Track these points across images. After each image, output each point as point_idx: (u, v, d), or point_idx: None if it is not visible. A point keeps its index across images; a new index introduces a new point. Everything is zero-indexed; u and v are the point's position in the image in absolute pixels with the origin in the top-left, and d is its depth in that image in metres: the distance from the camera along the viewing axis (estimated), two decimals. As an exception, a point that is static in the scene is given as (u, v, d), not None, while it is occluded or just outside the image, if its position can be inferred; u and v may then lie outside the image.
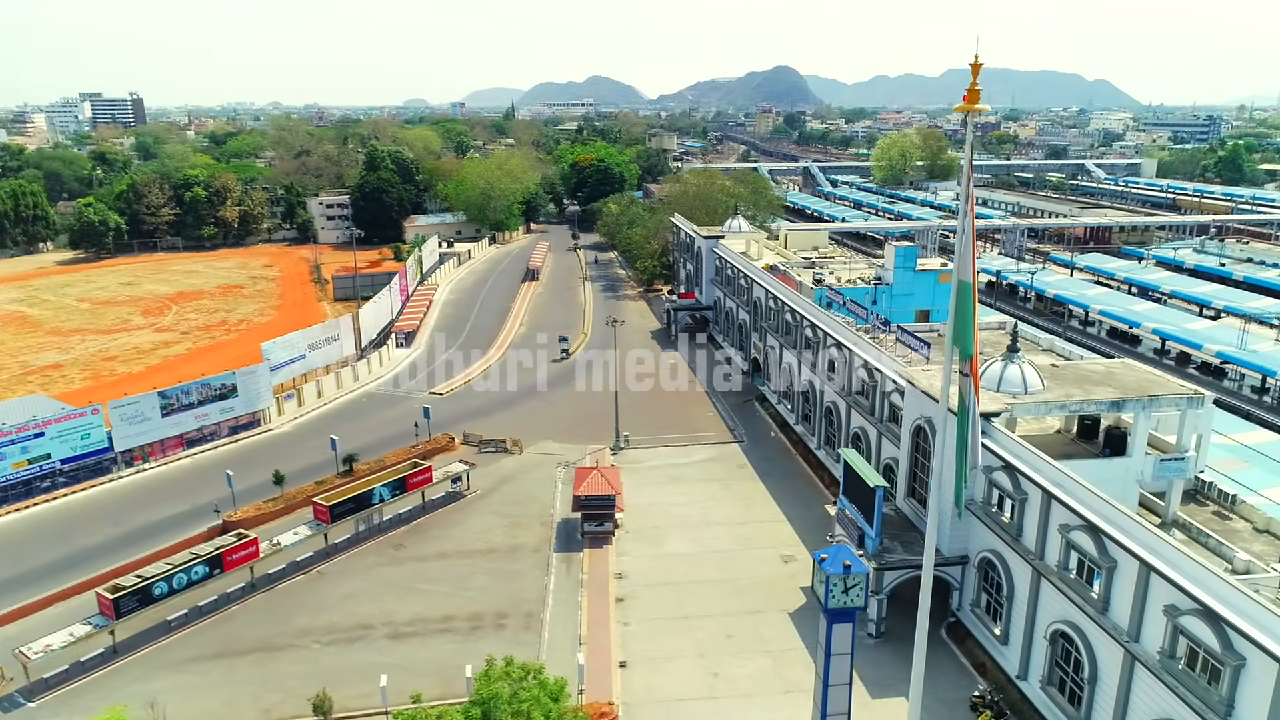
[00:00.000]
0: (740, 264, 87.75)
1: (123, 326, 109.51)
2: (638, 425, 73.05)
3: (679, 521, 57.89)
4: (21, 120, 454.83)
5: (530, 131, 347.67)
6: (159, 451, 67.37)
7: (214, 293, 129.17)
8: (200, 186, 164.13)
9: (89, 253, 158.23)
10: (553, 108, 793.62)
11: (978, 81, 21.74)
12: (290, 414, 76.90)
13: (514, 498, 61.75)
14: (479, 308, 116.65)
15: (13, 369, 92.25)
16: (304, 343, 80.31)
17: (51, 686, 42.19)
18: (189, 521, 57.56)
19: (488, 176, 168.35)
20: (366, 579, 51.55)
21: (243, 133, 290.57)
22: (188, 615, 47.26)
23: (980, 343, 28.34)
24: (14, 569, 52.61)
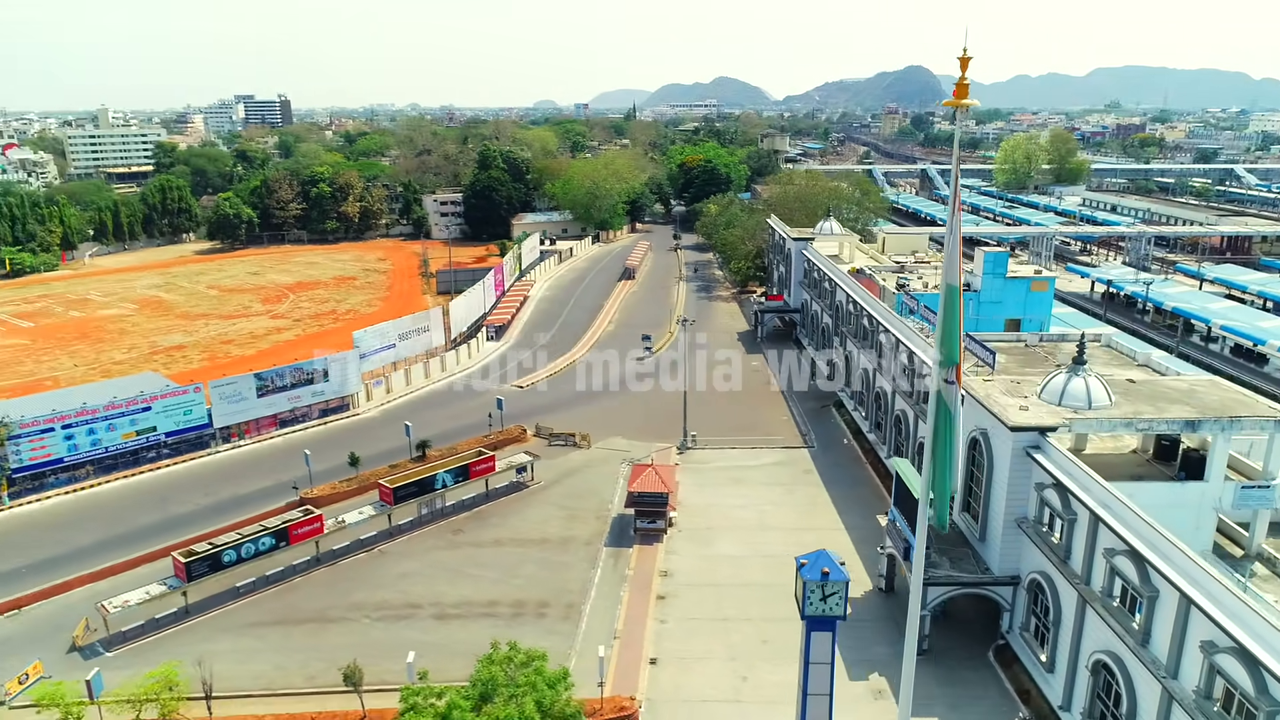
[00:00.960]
0: (825, 266, 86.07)
1: (243, 313, 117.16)
2: (710, 425, 72.85)
3: (734, 524, 57.42)
4: (183, 121, 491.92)
5: (648, 132, 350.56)
6: (254, 430, 71.83)
7: (329, 283, 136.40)
8: (325, 183, 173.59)
9: (224, 243, 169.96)
10: (675, 109, 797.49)
11: (967, 75, 20.78)
12: (378, 400, 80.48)
13: (575, 491, 62.66)
14: (572, 305, 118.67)
15: (142, 348, 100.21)
16: (394, 333, 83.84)
17: (128, 639, 45.80)
18: (271, 496, 61.16)
19: (594, 176, 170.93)
20: (422, 560, 53.51)
21: (372, 133, 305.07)
22: (255, 583, 50.34)
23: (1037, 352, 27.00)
24: (114, 530, 57.31)
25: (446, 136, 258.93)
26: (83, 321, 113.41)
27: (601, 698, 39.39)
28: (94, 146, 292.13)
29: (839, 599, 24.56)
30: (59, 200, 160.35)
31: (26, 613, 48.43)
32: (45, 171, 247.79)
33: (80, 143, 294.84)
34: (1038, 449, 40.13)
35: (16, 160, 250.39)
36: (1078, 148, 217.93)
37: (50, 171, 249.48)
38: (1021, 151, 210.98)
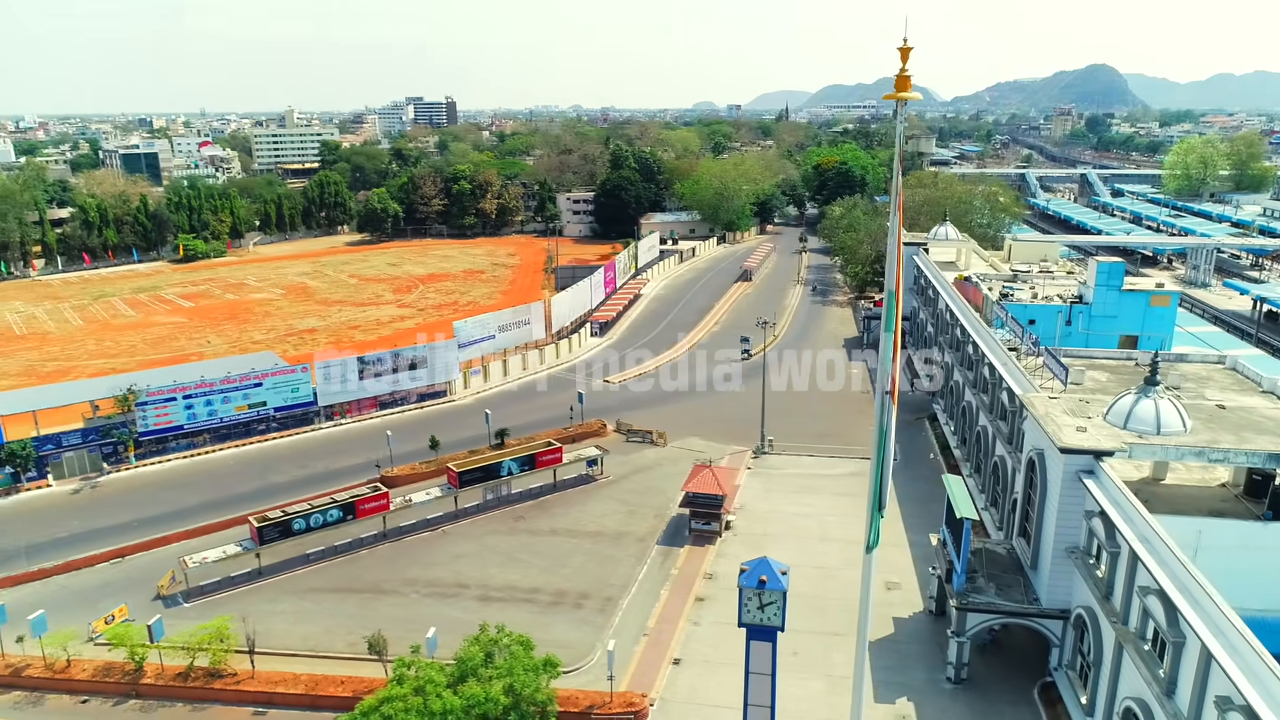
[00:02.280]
0: (930, 272, 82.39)
1: (374, 301, 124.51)
2: (792, 431, 71.47)
3: (793, 532, 56.10)
4: (358, 121, 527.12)
5: (796, 134, 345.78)
6: (355, 410, 76.40)
7: (458, 276, 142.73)
8: (465, 180, 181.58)
9: (372, 236, 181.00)
10: (832, 110, 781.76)
11: (907, 67, 19.77)
12: (475, 388, 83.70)
13: (641, 487, 62.99)
14: (682, 305, 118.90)
15: (280, 330, 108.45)
16: (495, 324, 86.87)
17: (205, 593, 49.94)
18: (359, 473, 64.86)
19: (723, 177, 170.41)
20: (479, 543, 55.38)
21: (523, 133, 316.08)
22: (324, 552, 53.72)
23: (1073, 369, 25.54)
24: (218, 494, 62.49)
25: (592, 137, 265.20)
26: (235, 304, 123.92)
27: (610, 692, 39.60)
28: (275, 145, 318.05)
29: (776, 609, 23.77)
30: (230, 193, 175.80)
31: (127, 561, 53.67)
32: (230, 167, 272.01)
33: (264, 141, 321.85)
34: (1091, 474, 37.12)
35: (207, 156, 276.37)
36: (1265, 153, 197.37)
37: (235, 167, 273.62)
38: (1196, 156, 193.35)
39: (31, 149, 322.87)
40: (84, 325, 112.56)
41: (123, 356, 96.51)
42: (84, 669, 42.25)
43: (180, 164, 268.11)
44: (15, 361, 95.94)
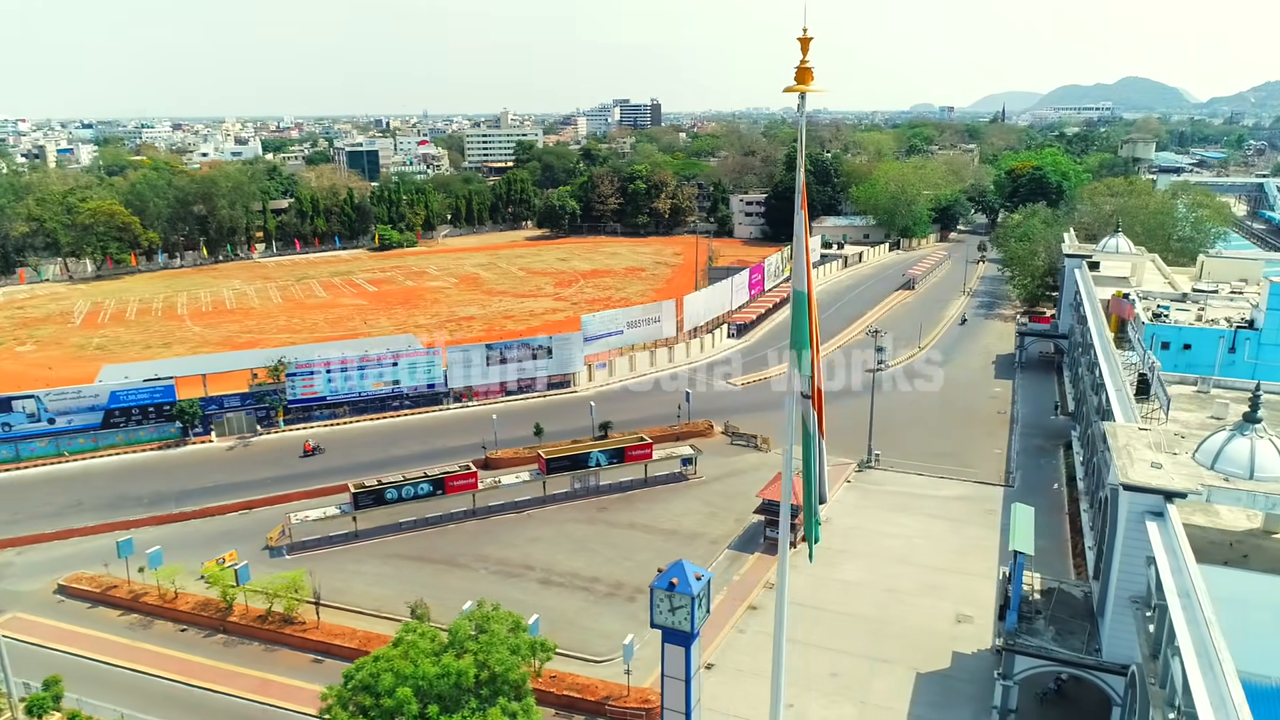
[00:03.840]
0: (1084, 286, 75.42)
1: (534, 293, 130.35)
2: (908, 447, 68.26)
3: (874, 551, 53.63)
4: (567, 122, 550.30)
5: (1006, 137, 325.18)
6: (482, 394, 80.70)
7: (620, 273, 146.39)
8: (641, 180, 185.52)
9: (551, 232, 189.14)
10: (1059, 112, 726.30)
11: (808, 58, 18.88)
12: (599, 381, 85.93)
13: (730, 491, 62.36)
14: (832, 311, 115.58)
15: (442, 316, 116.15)
16: (624, 320, 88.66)
17: (306, 548, 54.91)
18: (469, 452, 68.62)
19: (901, 181, 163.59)
20: (557, 529, 57.12)
21: (715, 135, 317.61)
22: (415, 523, 57.50)
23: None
24: (344, 461, 68.28)
25: (781, 138, 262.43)
26: (412, 290, 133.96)
27: (627, 686, 39.84)
28: (484, 144, 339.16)
29: (686, 613, 23.17)
30: (427, 189, 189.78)
31: (254, 514, 59.94)
32: (440, 164, 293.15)
33: (475, 141, 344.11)
34: (1160, 516, 33.05)
35: (421, 154, 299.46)
36: None
37: (444, 164, 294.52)
38: None
39: (280, 146, 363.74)
40: (282, 303, 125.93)
41: (304, 333, 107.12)
42: (187, 602, 47.83)
43: (398, 161, 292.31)
44: (218, 331, 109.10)
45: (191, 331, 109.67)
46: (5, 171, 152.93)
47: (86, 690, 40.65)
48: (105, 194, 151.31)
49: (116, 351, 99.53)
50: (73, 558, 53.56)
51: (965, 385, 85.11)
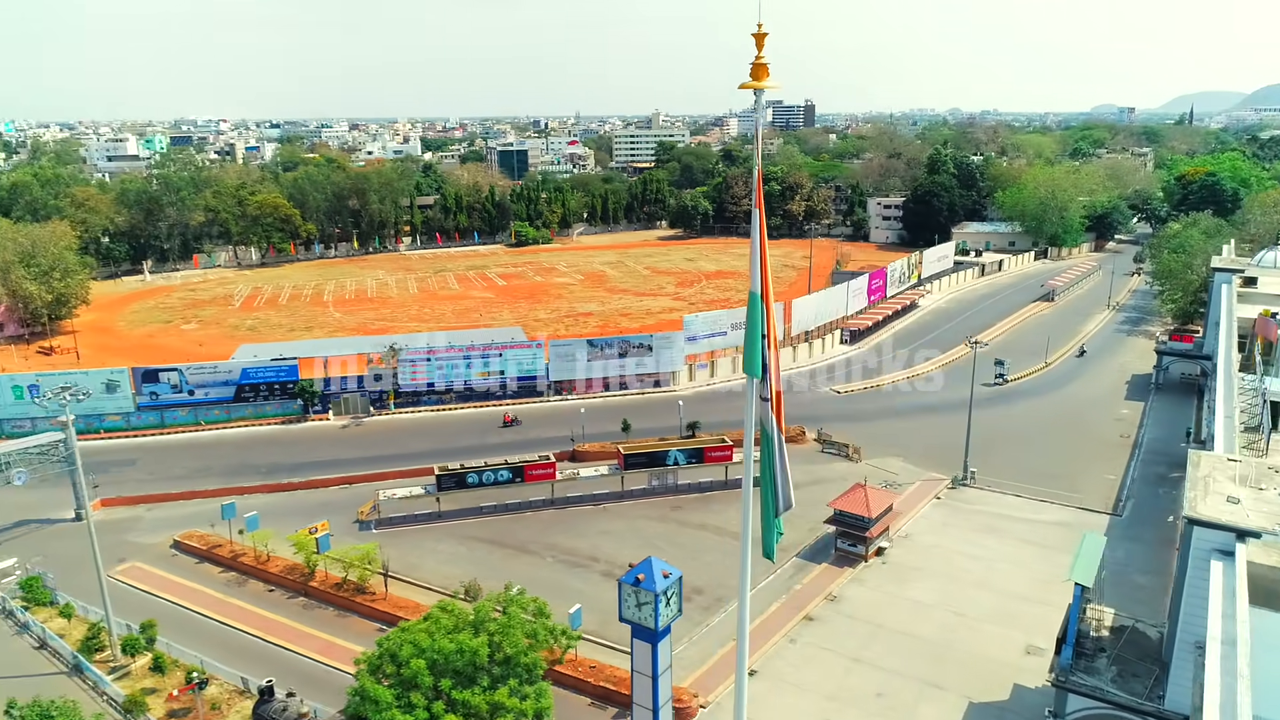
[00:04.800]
0: (1226, 302, 68.88)
1: (654, 292, 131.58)
2: (1009, 466, 64.70)
3: (951, 572, 51.19)
4: (718, 124, 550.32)
5: (1190, 140, 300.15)
6: (582, 388, 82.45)
7: (743, 275, 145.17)
8: (775, 181, 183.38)
9: (684, 232, 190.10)
10: (1260, 114, 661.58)
11: (763, 53, 18.63)
12: (700, 381, 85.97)
13: (811, 499, 60.65)
14: (959, 321, 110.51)
15: (562, 310, 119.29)
16: (728, 321, 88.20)
17: (393, 524, 58.08)
18: (559, 444, 70.37)
19: (1051, 185, 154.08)
20: (629, 525, 57.79)
21: (865, 136, 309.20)
22: (495, 508, 59.64)
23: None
24: (446, 444, 71.46)
25: (932, 140, 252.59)
26: (538, 285, 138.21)
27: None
28: (631, 145, 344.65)
29: (651, 610, 23.06)
30: (565, 187, 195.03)
31: (352, 488, 63.88)
32: (585, 164, 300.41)
33: (622, 142, 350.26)
34: (1227, 553, 30.12)
35: (568, 154, 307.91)
36: None
37: (590, 164, 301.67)
38: None
39: (441, 145, 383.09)
40: (416, 294, 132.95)
41: (431, 322, 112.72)
42: (277, 565, 51.68)
43: (547, 160, 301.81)
44: (355, 318, 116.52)
45: (332, 317, 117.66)
46: (190, 167, 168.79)
47: (177, 636, 44.73)
48: (272, 188, 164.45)
49: (265, 333, 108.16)
50: (191, 517, 58.89)
51: (1089, 404, 79.51)
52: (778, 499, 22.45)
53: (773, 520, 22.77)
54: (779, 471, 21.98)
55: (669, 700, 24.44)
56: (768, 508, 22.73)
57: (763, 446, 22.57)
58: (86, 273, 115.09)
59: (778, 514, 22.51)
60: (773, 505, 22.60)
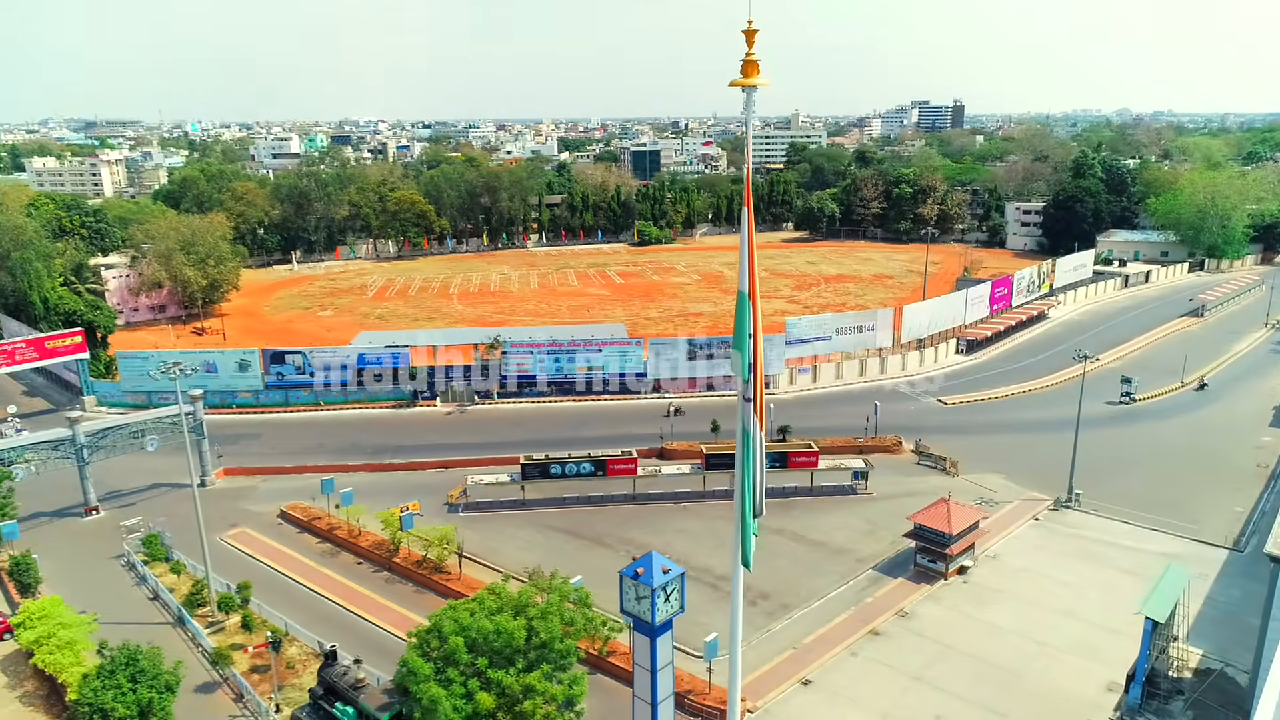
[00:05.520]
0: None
1: (770, 294, 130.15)
2: (1122, 491, 60.78)
3: (1037, 598, 48.52)
4: (860, 125, 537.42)
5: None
6: (680, 387, 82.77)
7: (865, 279, 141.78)
8: (907, 184, 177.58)
9: (809, 234, 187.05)
10: None
11: (754, 50, 18.56)
12: (801, 385, 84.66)
13: (899, 510, 58.91)
14: (1091, 334, 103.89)
15: (674, 309, 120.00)
16: (833, 325, 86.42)
17: (479, 509, 60.30)
18: (650, 440, 71.02)
19: (1212, 192, 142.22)
20: (705, 524, 57.73)
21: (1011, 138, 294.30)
22: (577, 499, 60.93)
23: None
24: (541, 435, 73.37)
25: (1087, 141, 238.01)
26: (654, 284, 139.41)
27: (709, 683, 39.87)
28: (766, 145, 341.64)
29: (648, 604, 23.13)
30: (690, 187, 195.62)
31: (447, 473, 66.61)
32: (717, 164, 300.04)
33: (757, 142, 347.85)
34: (1314, 598, 27.41)
35: (700, 155, 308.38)
36: None
37: (721, 165, 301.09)
38: None
39: (579, 145, 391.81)
40: (536, 289, 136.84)
41: (546, 317, 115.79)
42: (367, 540, 54.70)
43: (680, 161, 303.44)
44: (475, 310, 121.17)
45: (454, 309, 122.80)
46: (336, 164, 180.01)
47: (268, 598, 48.15)
48: (411, 186, 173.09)
49: (391, 321, 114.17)
50: (299, 490, 63.00)
51: (1225, 430, 73.15)
52: (755, 502, 22.20)
53: (750, 525, 22.54)
54: (757, 474, 21.75)
55: (670, 695, 24.58)
56: (745, 512, 22.51)
57: (744, 448, 22.35)
58: (238, 261, 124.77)
59: (756, 515, 22.25)
60: (750, 508, 22.36)
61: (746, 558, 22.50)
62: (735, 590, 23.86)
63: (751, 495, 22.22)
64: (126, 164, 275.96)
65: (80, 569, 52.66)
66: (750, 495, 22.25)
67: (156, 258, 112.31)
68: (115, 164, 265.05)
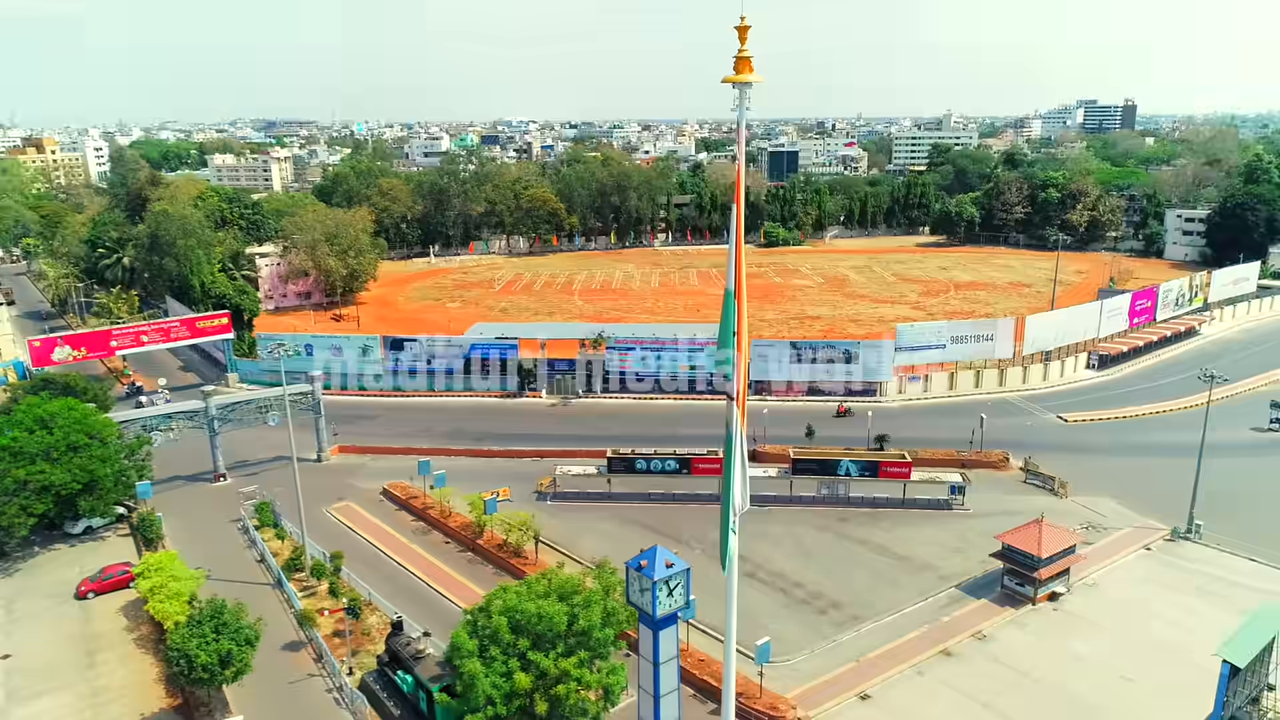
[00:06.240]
0: None
1: (894, 300, 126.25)
2: (1254, 527, 55.97)
3: (1134, 631, 45.35)
4: (1020, 125, 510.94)
5: None
6: (784, 390, 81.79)
7: (999, 287, 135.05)
8: (1055, 188, 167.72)
9: (946, 239, 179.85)
10: None
11: (746, 46, 18.52)
12: (910, 394, 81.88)
13: (994, 529, 55.74)
14: (1246, 355, 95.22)
15: (790, 312, 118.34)
16: (947, 333, 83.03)
17: (566, 499, 61.82)
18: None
19: None
20: (787, 530, 56.97)
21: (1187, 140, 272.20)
22: (663, 496, 61.48)
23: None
24: (636, 430, 74.15)
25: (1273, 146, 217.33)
26: (774, 286, 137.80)
27: (760, 687, 39.45)
28: (911, 146, 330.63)
29: (650, 596, 23.18)
30: (821, 189, 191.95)
31: (542, 462, 68.46)
32: (857, 166, 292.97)
33: (903, 143, 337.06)
34: None
35: (840, 156, 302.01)
36: None
37: (861, 166, 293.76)
38: None
39: (719, 145, 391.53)
40: (656, 288, 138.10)
41: (661, 315, 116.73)
42: (456, 521, 57.15)
43: (819, 162, 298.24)
44: (594, 306, 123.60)
45: (574, 305, 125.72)
46: (474, 163, 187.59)
47: (360, 569, 51.22)
48: (544, 184, 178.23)
49: (513, 314, 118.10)
50: (404, 469, 66.25)
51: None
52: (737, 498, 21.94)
53: (729, 525, 22.28)
54: (738, 471, 21.51)
55: (674, 690, 24.64)
56: (726, 513, 22.28)
57: (726, 446, 22.16)
58: (376, 253, 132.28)
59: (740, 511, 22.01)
60: (731, 508, 22.11)
61: (726, 559, 22.32)
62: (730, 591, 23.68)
63: (731, 494, 22.04)
64: (294, 161, 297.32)
65: (202, 529, 57.60)
66: (731, 495, 22.06)
67: (303, 248, 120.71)
68: (284, 161, 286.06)
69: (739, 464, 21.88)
